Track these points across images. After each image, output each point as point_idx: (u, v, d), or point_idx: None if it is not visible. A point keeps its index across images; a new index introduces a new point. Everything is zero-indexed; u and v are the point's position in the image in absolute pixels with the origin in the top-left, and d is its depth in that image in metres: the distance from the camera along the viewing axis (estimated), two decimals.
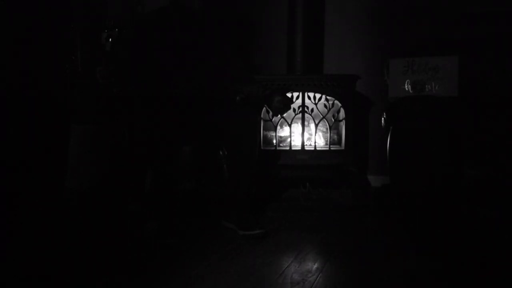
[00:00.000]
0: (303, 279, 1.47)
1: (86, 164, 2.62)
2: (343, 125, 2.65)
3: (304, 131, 2.61)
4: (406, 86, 2.56)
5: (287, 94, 2.55)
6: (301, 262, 1.63)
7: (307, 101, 2.59)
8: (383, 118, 2.66)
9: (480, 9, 2.81)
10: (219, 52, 2.16)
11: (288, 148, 2.64)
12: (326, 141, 2.70)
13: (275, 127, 2.65)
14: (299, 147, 2.62)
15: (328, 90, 2.57)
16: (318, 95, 2.59)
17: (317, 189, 2.57)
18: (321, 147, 2.67)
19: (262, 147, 2.62)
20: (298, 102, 2.60)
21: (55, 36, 2.83)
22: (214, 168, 2.47)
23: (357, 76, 2.61)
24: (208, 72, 2.11)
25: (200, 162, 2.65)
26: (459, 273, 1.54)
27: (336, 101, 2.61)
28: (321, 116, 2.60)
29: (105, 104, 2.59)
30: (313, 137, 2.68)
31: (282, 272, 1.54)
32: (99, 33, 2.70)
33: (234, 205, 2.04)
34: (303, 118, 2.60)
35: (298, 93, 2.58)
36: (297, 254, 1.72)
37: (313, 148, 2.63)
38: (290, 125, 2.61)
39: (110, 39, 2.65)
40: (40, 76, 2.78)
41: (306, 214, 2.35)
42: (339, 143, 2.73)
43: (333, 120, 2.64)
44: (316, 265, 1.61)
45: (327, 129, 2.65)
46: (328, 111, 2.60)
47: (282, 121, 2.61)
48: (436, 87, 2.51)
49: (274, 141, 2.68)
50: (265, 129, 2.70)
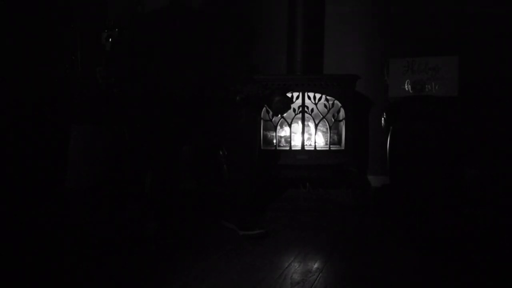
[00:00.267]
0: (303, 279, 1.47)
1: (86, 164, 2.62)
2: (343, 125, 2.65)
3: (304, 131, 2.61)
4: (406, 86, 2.56)
5: (287, 94, 2.57)
6: (301, 262, 1.63)
7: (307, 101, 2.59)
8: (383, 118, 2.66)
9: (480, 9, 2.82)
10: (219, 52, 2.16)
11: (288, 148, 2.64)
12: (326, 141, 2.69)
13: (275, 127, 2.65)
14: (299, 147, 2.62)
15: (328, 90, 2.57)
16: (318, 95, 2.59)
17: (317, 189, 2.57)
18: (321, 147, 2.67)
19: (262, 147, 2.62)
20: (298, 102, 2.59)
21: (55, 37, 2.83)
22: (214, 168, 2.47)
23: (357, 76, 2.60)
24: (208, 72, 2.11)
25: (200, 162, 2.65)
26: (459, 273, 1.54)
27: (336, 101, 2.61)
28: (321, 116, 2.60)
29: (105, 104, 2.59)
30: (313, 137, 2.68)
31: (282, 272, 1.54)
32: (99, 33, 2.70)
33: (234, 205, 2.04)
34: (303, 118, 2.60)
35: (298, 93, 2.58)
36: (297, 254, 1.72)
37: (313, 148, 2.63)
38: (290, 125, 2.61)
39: (110, 39, 2.65)
40: (40, 76, 2.78)
41: (306, 214, 2.35)
42: (339, 143, 2.73)
43: (333, 120, 2.64)
44: (316, 265, 1.61)
45: (327, 129, 2.65)
46: (328, 111, 2.60)
47: (282, 121, 2.61)
48: (436, 87, 2.51)
49: (274, 141, 2.68)
50: (265, 129, 2.69)
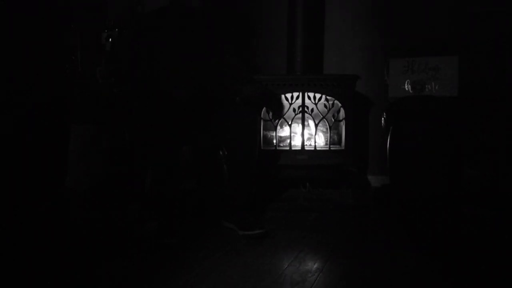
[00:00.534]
0: (303, 279, 1.47)
1: (86, 164, 2.62)
2: (343, 125, 2.65)
3: (304, 131, 2.61)
4: (406, 86, 2.56)
5: (287, 94, 2.57)
6: (301, 262, 1.63)
7: (307, 101, 2.59)
8: (383, 118, 2.66)
9: (480, 9, 2.82)
10: (219, 52, 2.16)
11: (288, 148, 2.64)
12: (326, 141, 2.69)
13: (275, 127, 2.65)
14: (299, 147, 2.62)
15: (328, 90, 2.57)
16: (318, 95, 2.59)
17: (317, 189, 2.57)
18: (321, 147, 2.67)
19: (262, 147, 2.62)
20: (298, 102, 2.60)
21: (55, 37, 2.83)
22: (214, 168, 2.47)
23: (357, 76, 2.60)
24: (208, 72, 2.11)
25: (200, 162, 2.64)
26: (459, 273, 1.54)
27: (336, 101, 2.61)
28: (321, 116, 2.60)
29: (105, 104, 2.59)
30: (313, 137, 2.68)
31: (282, 272, 1.54)
32: (99, 33, 2.70)
33: (234, 205, 2.04)
34: (303, 118, 2.60)
35: (298, 93, 2.58)
36: (297, 254, 1.72)
37: (313, 148, 2.63)
38: (290, 125, 2.61)
39: (110, 39, 2.65)
40: (40, 76, 2.78)
41: (306, 214, 2.35)
42: (339, 143, 2.73)
43: (333, 120, 2.64)
44: (316, 265, 1.61)
45: (327, 129, 2.65)
46: (328, 111, 2.60)
47: (282, 121, 2.61)
48: (436, 87, 2.51)
49: (274, 141, 2.68)
50: (265, 129, 2.69)
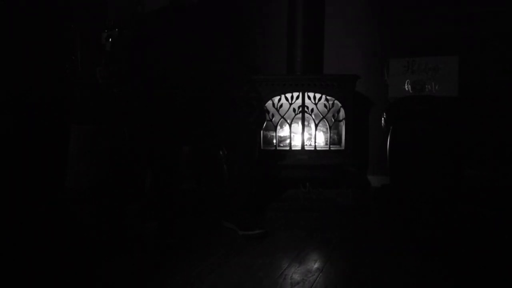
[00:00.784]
0: (303, 279, 1.47)
1: (86, 164, 2.62)
2: (343, 125, 2.65)
3: (304, 131, 2.61)
4: (406, 86, 2.57)
5: (287, 94, 2.57)
6: (301, 262, 1.63)
7: (307, 101, 2.59)
8: (383, 118, 2.66)
9: (480, 9, 2.82)
10: (219, 52, 2.16)
11: (288, 148, 2.64)
12: (326, 141, 2.70)
13: (275, 127, 2.65)
14: (299, 147, 2.62)
15: (328, 90, 2.57)
16: (318, 95, 2.59)
17: (317, 189, 2.57)
18: (321, 147, 2.67)
19: (262, 147, 2.62)
20: (298, 102, 2.60)
21: (55, 36, 2.83)
22: (214, 168, 2.47)
23: (357, 76, 2.61)
24: (208, 72, 2.11)
25: (200, 162, 2.64)
26: (459, 273, 1.54)
27: (336, 101, 2.61)
28: (321, 116, 2.60)
29: (105, 104, 2.59)
30: (313, 137, 2.68)
31: (282, 272, 1.54)
32: (99, 33, 2.70)
33: (234, 205, 2.04)
34: (303, 118, 2.60)
35: (298, 93, 2.58)
36: (297, 254, 1.72)
37: (313, 148, 2.63)
38: (290, 125, 2.61)
39: (110, 39, 2.65)
40: (40, 76, 2.78)
41: (306, 214, 2.35)
42: (339, 143, 2.73)
43: (333, 120, 2.64)
44: (316, 265, 1.61)
45: (327, 129, 2.65)
46: (328, 111, 2.60)
47: (282, 121, 2.61)
48: (436, 87, 2.51)
49: (274, 141, 2.68)
50: (265, 129, 2.70)
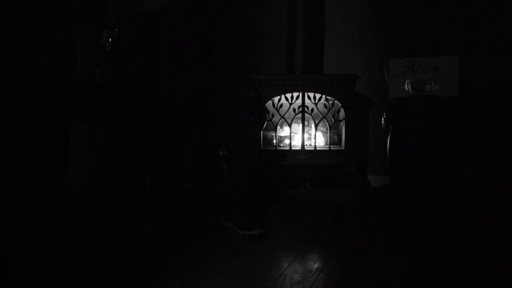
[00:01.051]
0: (303, 279, 1.47)
1: (86, 164, 2.62)
2: (343, 125, 2.65)
3: (304, 131, 2.61)
4: (406, 86, 2.57)
5: (287, 94, 2.57)
6: (301, 262, 1.63)
7: (307, 101, 2.59)
8: (383, 118, 2.66)
9: (480, 9, 2.82)
10: (219, 52, 2.16)
11: (288, 148, 2.64)
12: (326, 141, 2.70)
13: (275, 127, 2.65)
14: (299, 147, 2.62)
15: (328, 90, 2.57)
16: (318, 95, 2.59)
17: (317, 189, 2.57)
18: (321, 147, 2.67)
19: (262, 147, 2.62)
20: (298, 102, 2.60)
21: (55, 36, 2.84)
22: (214, 168, 2.47)
23: (357, 76, 2.61)
24: (208, 72, 2.11)
25: (200, 162, 2.65)
26: (459, 273, 1.54)
27: (336, 101, 2.61)
28: (321, 116, 2.60)
29: (105, 104, 2.59)
30: (313, 137, 2.68)
31: (282, 272, 1.54)
32: (99, 33, 2.70)
33: (234, 205, 2.04)
34: (303, 118, 2.60)
35: (298, 93, 2.58)
36: (297, 254, 1.72)
37: (313, 148, 2.63)
38: (290, 125, 2.61)
39: (110, 39, 2.65)
40: (40, 76, 2.78)
41: (306, 214, 2.35)
42: (339, 143, 2.73)
43: (333, 120, 2.64)
44: (316, 265, 1.61)
45: (327, 129, 2.65)
46: (328, 111, 2.60)
47: (282, 121, 2.61)
48: (436, 87, 2.51)
49: (274, 141, 2.68)
50: (265, 129, 2.69)
